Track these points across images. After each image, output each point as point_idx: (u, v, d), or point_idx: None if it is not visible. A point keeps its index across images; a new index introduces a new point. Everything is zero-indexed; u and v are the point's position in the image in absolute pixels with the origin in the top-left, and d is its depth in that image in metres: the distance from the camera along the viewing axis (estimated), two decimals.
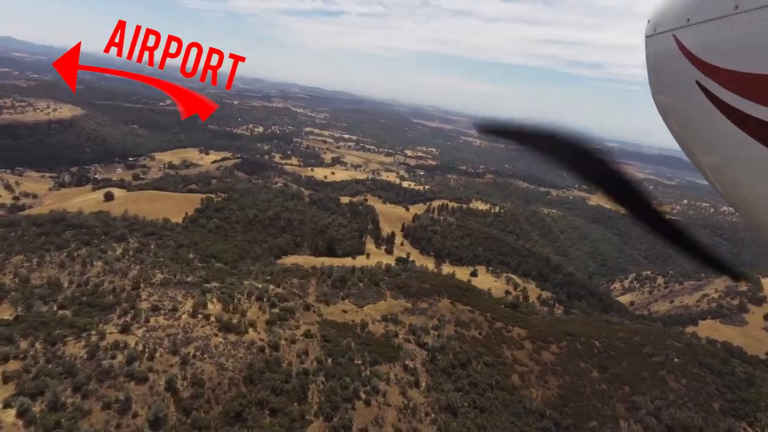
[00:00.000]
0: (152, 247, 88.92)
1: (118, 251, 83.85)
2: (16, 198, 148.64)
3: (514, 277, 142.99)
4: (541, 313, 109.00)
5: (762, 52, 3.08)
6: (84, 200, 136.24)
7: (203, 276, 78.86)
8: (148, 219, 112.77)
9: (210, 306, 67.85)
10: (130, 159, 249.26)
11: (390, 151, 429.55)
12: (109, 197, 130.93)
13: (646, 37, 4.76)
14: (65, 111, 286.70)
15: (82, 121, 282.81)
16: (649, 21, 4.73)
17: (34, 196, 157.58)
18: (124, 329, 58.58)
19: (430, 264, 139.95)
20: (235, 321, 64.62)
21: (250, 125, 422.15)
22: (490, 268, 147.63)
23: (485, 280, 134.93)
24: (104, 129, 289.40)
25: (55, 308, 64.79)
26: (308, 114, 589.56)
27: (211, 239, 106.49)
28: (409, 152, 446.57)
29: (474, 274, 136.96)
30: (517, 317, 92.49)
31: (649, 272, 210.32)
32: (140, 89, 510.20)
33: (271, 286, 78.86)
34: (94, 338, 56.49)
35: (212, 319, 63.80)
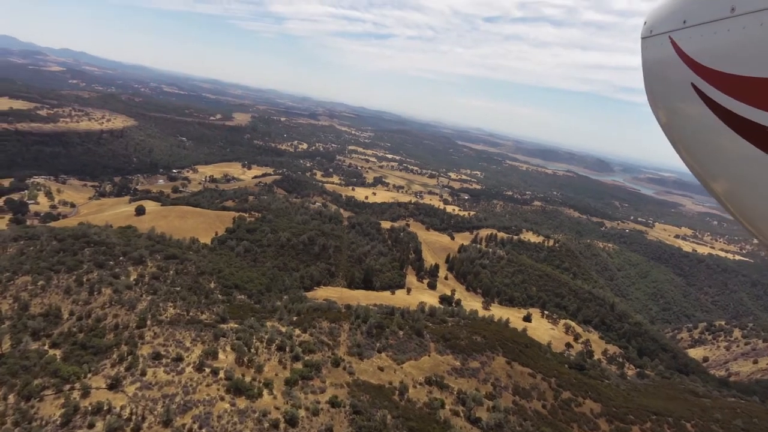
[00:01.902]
0: (171, 273, 79.56)
1: (132, 277, 74.89)
2: (53, 206, 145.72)
3: (573, 324, 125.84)
4: (611, 376, 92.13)
5: (757, 56, 3.07)
6: (116, 213, 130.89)
7: (220, 313, 68.27)
8: (174, 238, 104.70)
9: (221, 356, 56.72)
10: (174, 171, 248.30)
11: (433, 173, 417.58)
12: (140, 211, 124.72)
13: (643, 38, 4.72)
14: (118, 122, 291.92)
15: (133, 132, 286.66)
16: (645, 22, 4.55)
17: (72, 205, 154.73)
18: (114, 384, 48.11)
19: (477, 304, 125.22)
20: (248, 379, 53.06)
21: (295, 141, 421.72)
22: (546, 312, 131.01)
23: (540, 327, 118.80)
24: (153, 140, 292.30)
25: (46, 346, 55.46)
26: (353, 132, 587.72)
27: (237, 265, 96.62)
28: (453, 175, 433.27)
29: (527, 318, 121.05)
30: (587, 385, 76.70)
31: (722, 322, 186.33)
32: (194, 103, 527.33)
33: (297, 331, 67.20)
34: (75, 395, 46.24)
35: (221, 375, 52.48)
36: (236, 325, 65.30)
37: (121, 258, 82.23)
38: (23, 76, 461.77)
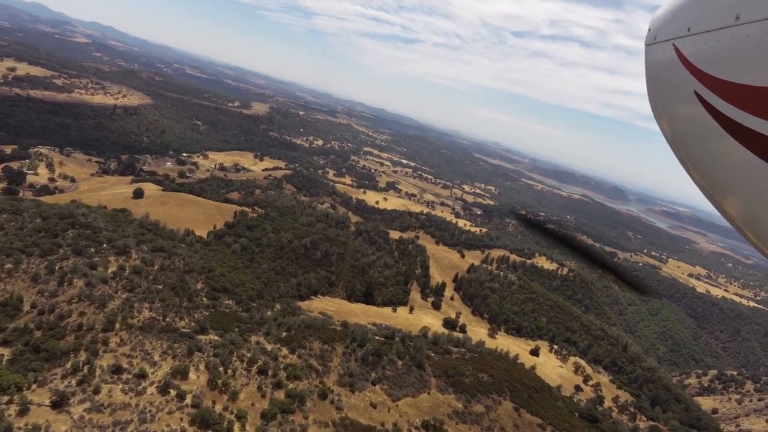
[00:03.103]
0: (155, 268, 72.48)
1: (112, 269, 67.90)
2: (52, 179, 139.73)
3: (583, 363, 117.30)
4: (625, 430, 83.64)
5: (761, 64, 3.11)
6: (113, 193, 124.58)
7: (200, 322, 60.90)
8: (168, 228, 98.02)
9: (192, 375, 49.38)
10: (184, 154, 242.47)
11: (447, 183, 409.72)
12: (138, 194, 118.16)
13: (646, 45, 4.58)
14: (134, 98, 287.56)
15: (147, 111, 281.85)
16: (650, 29, 4.56)
17: (72, 180, 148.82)
18: (60, 402, 40.94)
19: (482, 330, 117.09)
20: (218, 408, 45.67)
21: (311, 137, 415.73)
22: (554, 347, 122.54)
23: (549, 363, 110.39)
24: (166, 121, 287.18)
25: None
26: (370, 134, 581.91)
27: (231, 264, 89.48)
28: (467, 187, 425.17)
29: (535, 352, 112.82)
30: None
31: (734, 372, 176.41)
32: (215, 88, 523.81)
33: (284, 351, 59.74)
34: (12, 411, 39.05)
35: (187, 401, 45.13)
36: (216, 338, 57.97)
37: (104, 245, 75.41)
38: (48, 44, 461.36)
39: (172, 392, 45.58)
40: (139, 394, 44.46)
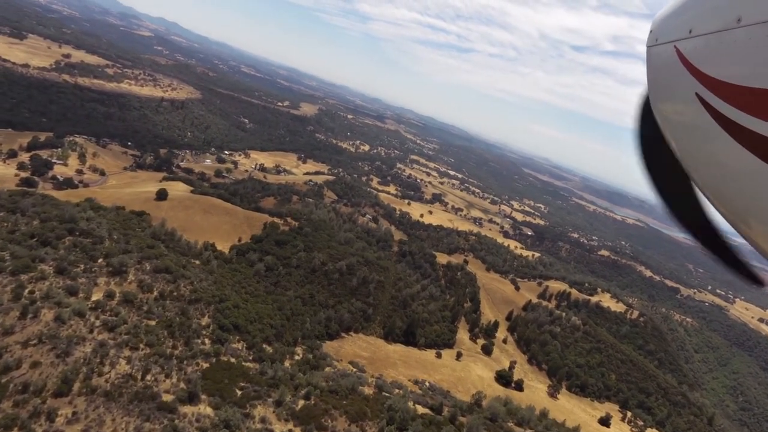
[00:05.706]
0: (152, 295, 58.65)
1: (97, 296, 54.46)
2: (80, 171, 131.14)
3: None
4: None
5: (763, 67, 3.11)
6: (137, 192, 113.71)
7: (192, 382, 45.94)
8: (185, 239, 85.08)
9: None
10: (225, 152, 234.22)
11: (495, 198, 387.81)
12: (161, 196, 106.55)
13: (648, 47, 4.63)
14: (183, 92, 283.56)
15: (194, 105, 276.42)
16: (651, 31, 4.60)
17: (102, 173, 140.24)
18: None
19: (541, 386, 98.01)
20: None
21: (357, 142, 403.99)
22: (627, 413, 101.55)
23: None
24: (212, 117, 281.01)
25: None
26: (417, 142, 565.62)
27: (250, 290, 75.03)
28: (515, 204, 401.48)
29: (605, 421, 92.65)
30: None
31: None
32: (266, 87, 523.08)
33: None
34: None
35: None
36: (208, 411, 42.89)
37: (99, 261, 62.53)
38: (112, 36, 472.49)
39: None
40: None
